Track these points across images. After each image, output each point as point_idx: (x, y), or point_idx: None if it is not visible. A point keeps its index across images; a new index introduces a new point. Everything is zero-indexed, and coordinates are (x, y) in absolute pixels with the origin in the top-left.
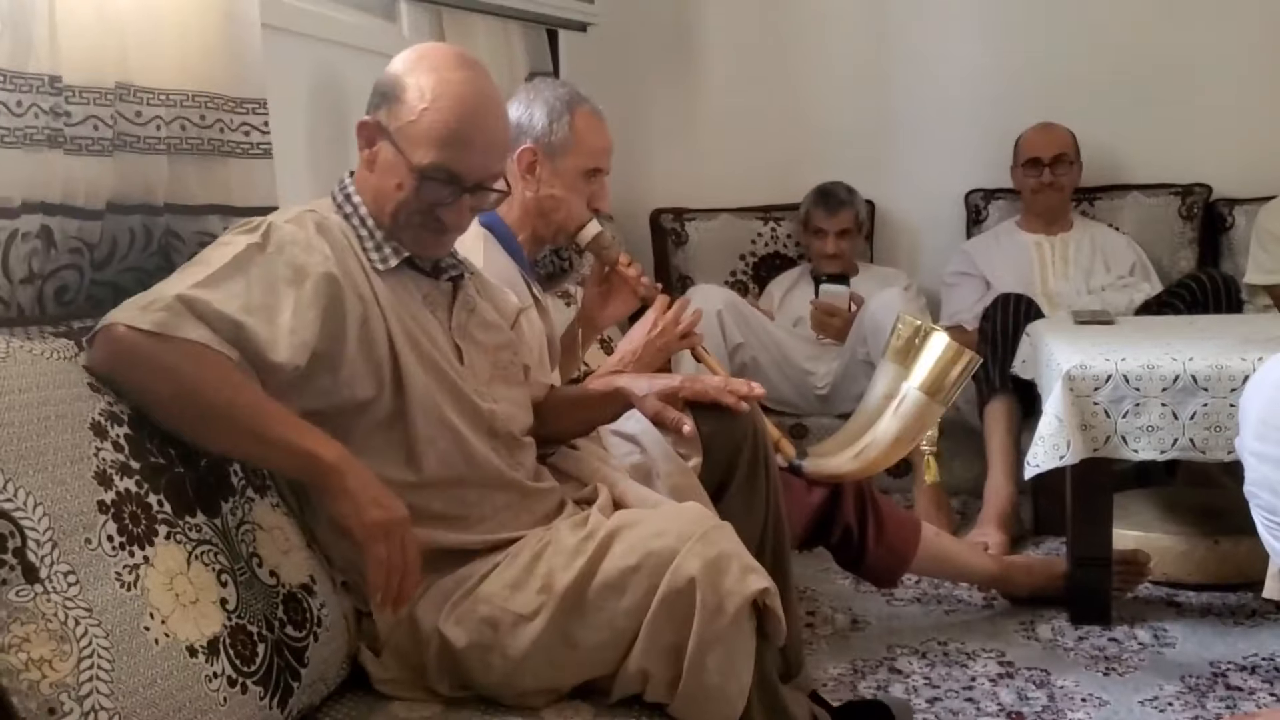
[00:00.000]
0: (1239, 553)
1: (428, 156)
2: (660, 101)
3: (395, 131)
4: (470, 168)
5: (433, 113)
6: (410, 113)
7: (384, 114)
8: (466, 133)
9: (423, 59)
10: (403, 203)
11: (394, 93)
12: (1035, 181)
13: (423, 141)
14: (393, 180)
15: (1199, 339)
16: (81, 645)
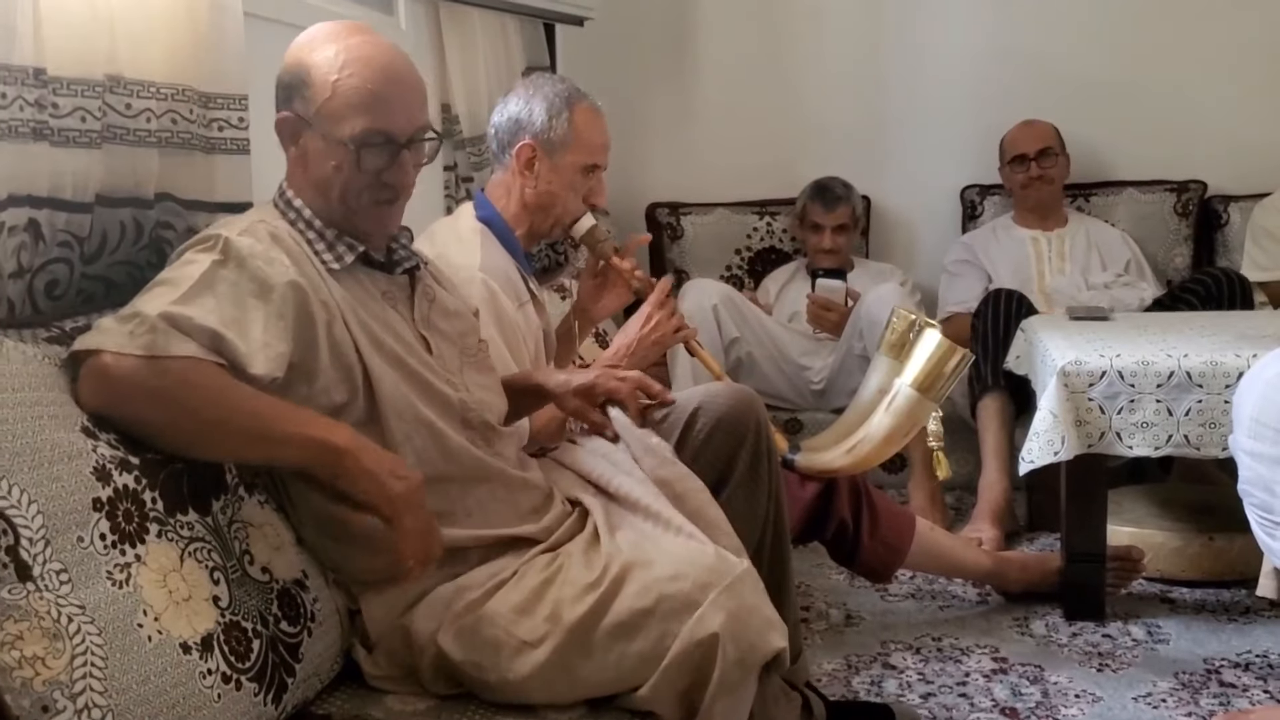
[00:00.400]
0: (1233, 549)
1: (356, 125)
2: (657, 96)
3: (315, 115)
4: (399, 123)
5: (346, 81)
6: (324, 90)
7: (298, 105)
8: (385, 91)
9: (313, 40)
10: (347, 183)
11: (300, 79)
12: (1023, 177)
13: (346, 113)
14: (329, 164)
15: (1194, 335)
16: (75, 643)
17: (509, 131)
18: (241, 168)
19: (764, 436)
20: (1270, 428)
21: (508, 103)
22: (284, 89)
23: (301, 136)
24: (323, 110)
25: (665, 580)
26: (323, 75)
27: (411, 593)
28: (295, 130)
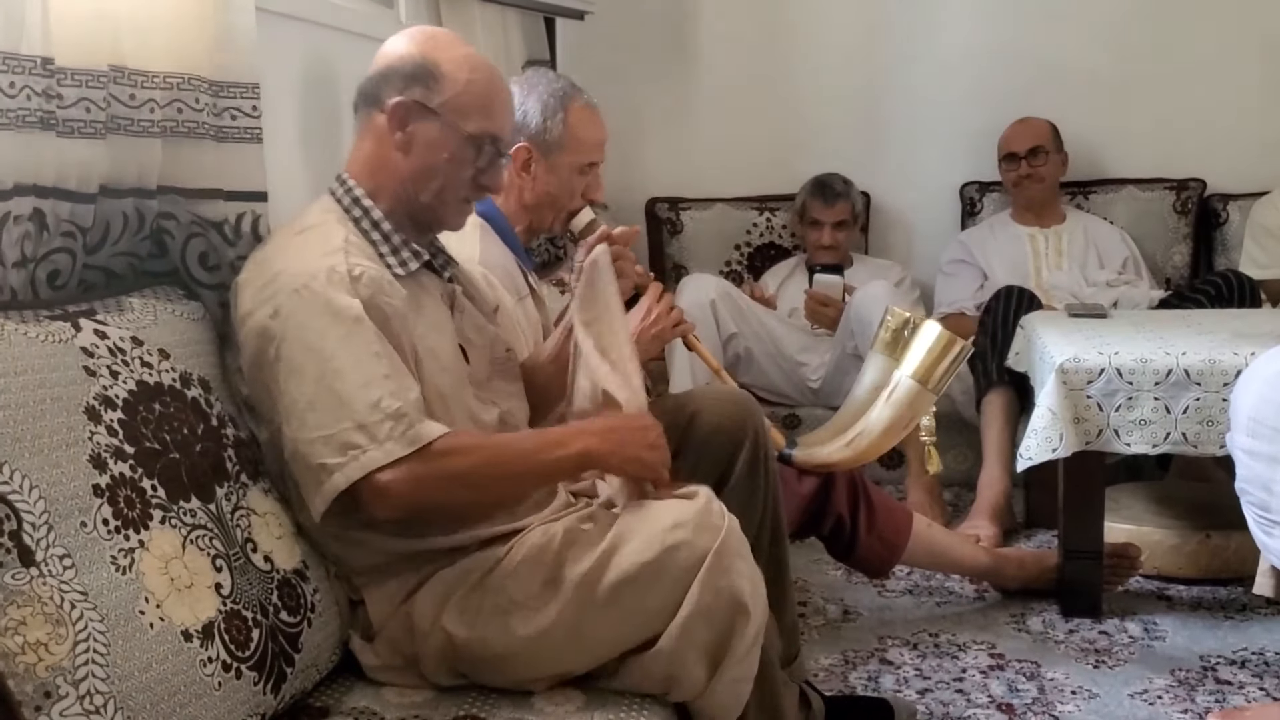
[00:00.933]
0: (1230, 547)
1: (479, 124)
2: (657, 90)
3: (442, 106)
4: (506, 130)
5: (475, 84)
6: (455, 84)
7: (420, 92)
8: (501, 99)
9: (437, 39)
10: (452, 176)
11: (428, 71)
12: (1014, 175)
13: (473, 111)
14: (440, 155)
15: (1192, 334)
16: (77, 629)
17: None
18: (255, 156)
19: (761, 441)
20: (1268, 426)
21: None
22: (403, 78)
23: (413, 123)
24: (451, 103)
25: (666, 530)
26: (455, 70)
27: (412, 581)
28: (410, 116)
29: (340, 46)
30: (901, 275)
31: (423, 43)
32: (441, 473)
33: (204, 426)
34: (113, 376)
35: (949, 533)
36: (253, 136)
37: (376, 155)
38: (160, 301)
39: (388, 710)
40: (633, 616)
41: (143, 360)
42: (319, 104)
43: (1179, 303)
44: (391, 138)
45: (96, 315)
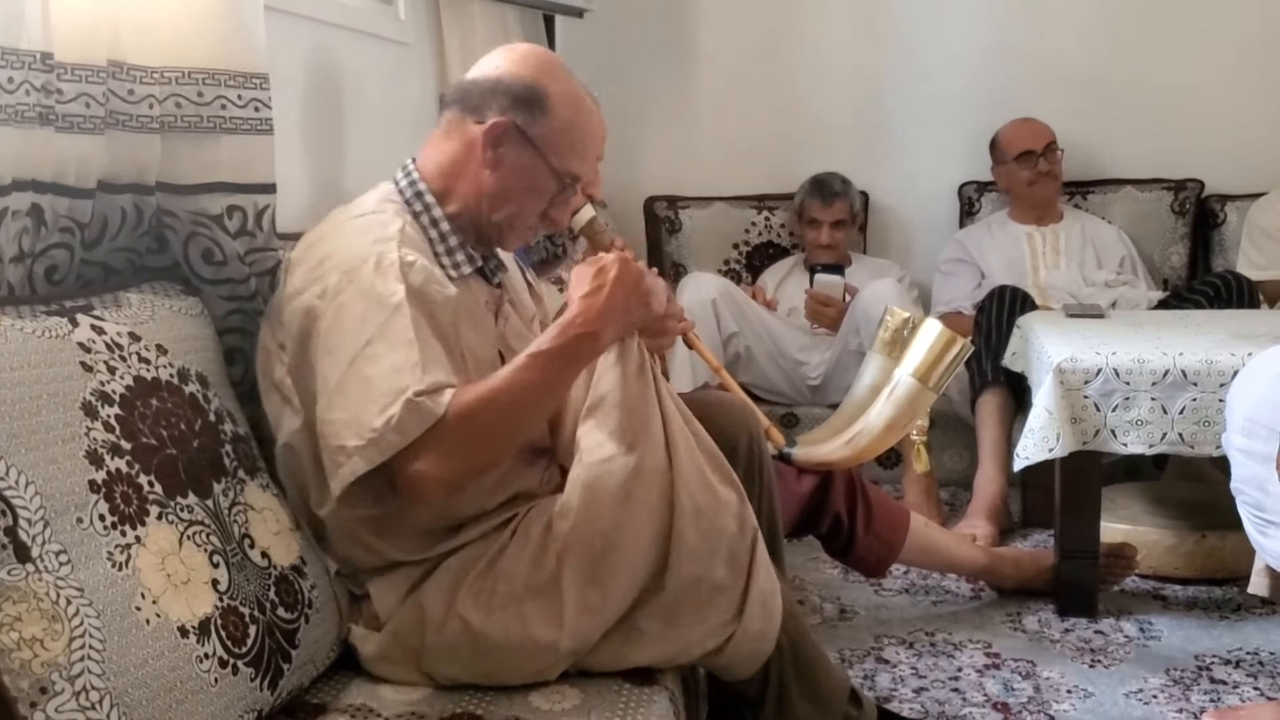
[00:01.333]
0: (1225, 547)
1: (571, 165)
2: (656, 89)
3: (539, 137)
4: (590, 170)
5: (576, 124)
6: (560, 120)
7: (523, 118)
8: (594, 142)
9: (552, 68)
10: (526, 203)
11: (536, 97)
12: (1031, 173)
13: (569, 150)
14: (523, 182)
15: (1189, 334)
16: (73, 625)
17: None
18: (264, 148)
19: (757, 448)
20: (1263, 426)
21: None
22: (510, 98)
23: (506, 145)
24: (549, 136)
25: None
26: (560, 106)
27: (417, 572)
28: (505, 137)
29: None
30: (900, 274)
31: (537, 67)
32: (460, 441)
33: (201, 422)
34: (110, 372)
35: (946, 532)
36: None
37: (458, 162)
38: (158, 297)
39: (385, 707)
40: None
41: (140, 356)
42: (318, 98)
43: (1177, 303)
44: (481, 152)
45: (94, 311)
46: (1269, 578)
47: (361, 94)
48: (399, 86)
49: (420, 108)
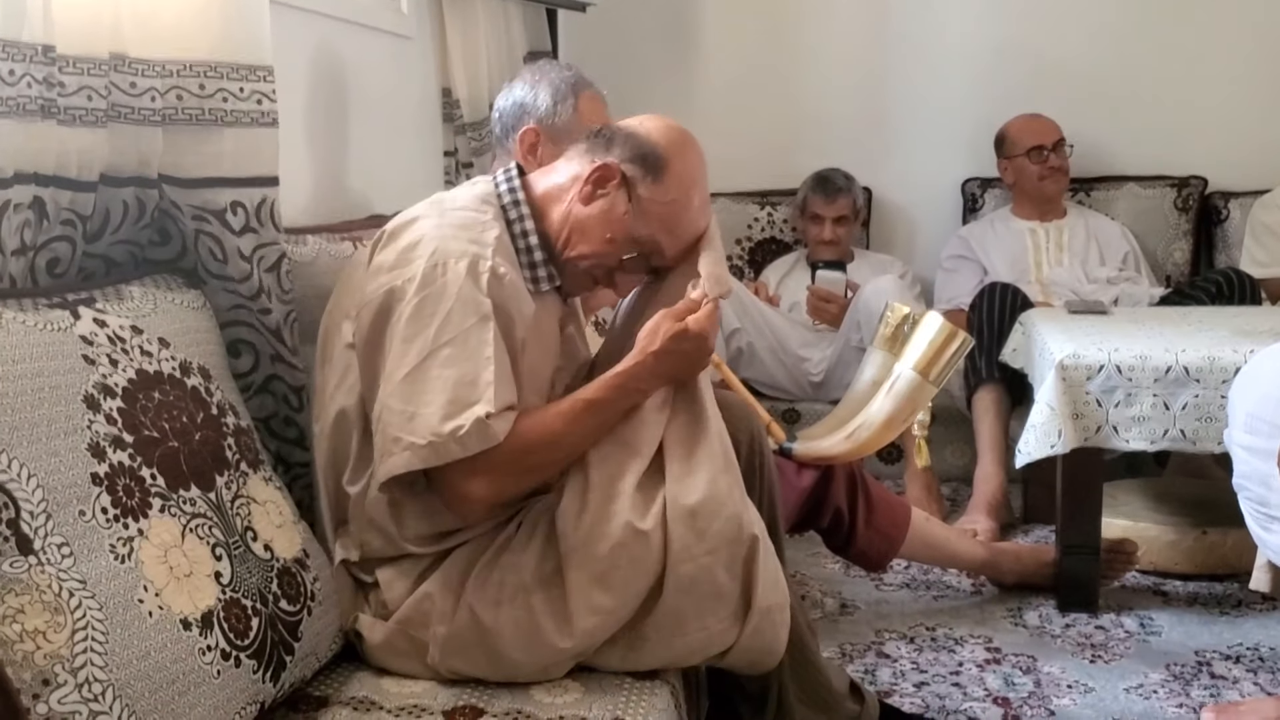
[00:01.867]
0: (1226, 543)
1: (654, 234)
2: (658, 84)
3: (641, 198)
4: (671, 255)
5: (679, 205)
6: (664, 193)
7: (637, 173)
8: (686, 229)
9: (685, 144)
10: (599, 252)
11: (655, 164)
12: (1042, 168)
13: (658, 223)
14: (605, 232)
15: (1191, 331)
16: (75, 617)
17: (513, 116)
18: (269, 140)
19: (758, 447)
20: (1266, 422)
21: (513, 88)
22: (635, 151)
23: (610, 189)
24: (649, 202)
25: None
26: (674, 181)
27: (426, 560)
28: (611, 182)
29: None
30: (903, 270)
31: (673, 140)
32: (513, 470)
33: (203, 415)
34: (112, 365)
35: (946, 527)
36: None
37: (564, 187)
38: (160, 290)
39: (386, 700)
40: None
41: (142, 349)
42: (320, 92)
43: (1179, 300)
44: (584, 185)
45: (96, 304)
46: (1270, 573)
47: (363, 88)
48: (401, 80)
49: (422, 102)
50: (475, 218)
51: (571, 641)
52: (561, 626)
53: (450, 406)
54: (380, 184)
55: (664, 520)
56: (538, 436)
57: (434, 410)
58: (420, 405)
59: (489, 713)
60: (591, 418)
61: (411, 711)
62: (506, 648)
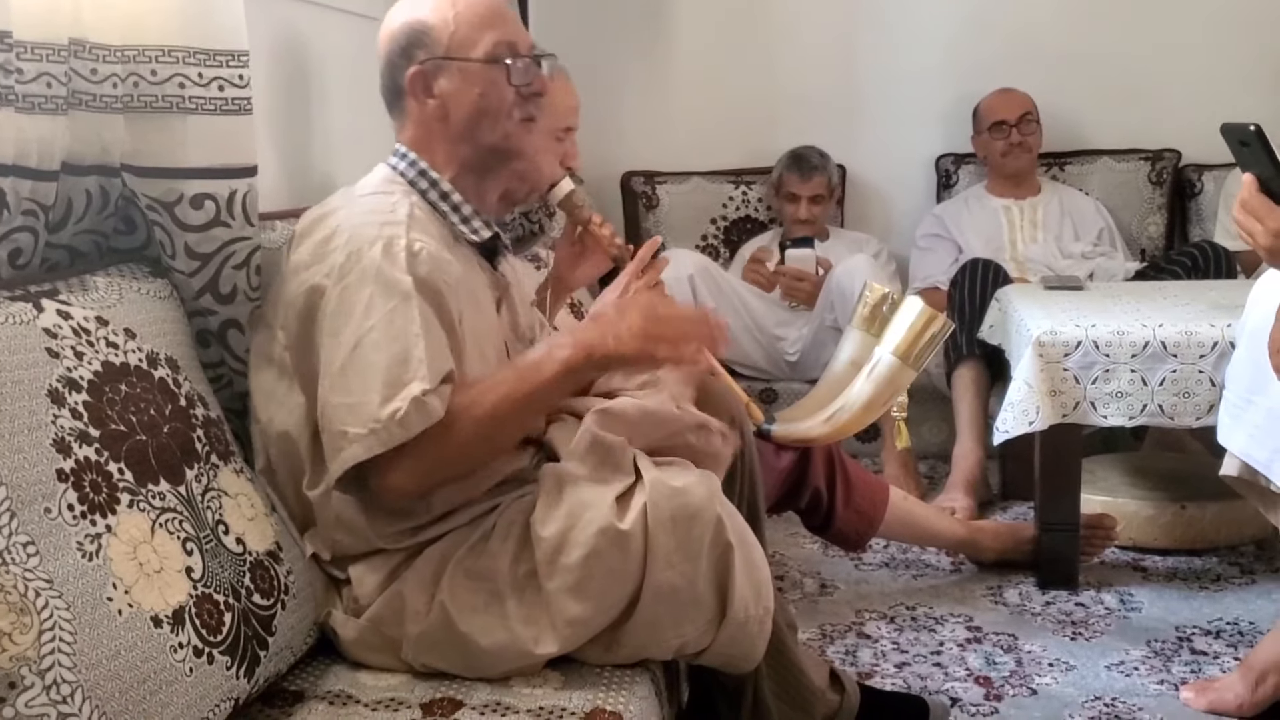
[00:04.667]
0: (1205, 518)
1: (489, 40)
2: (632, 63)
3: (447, 50)
4: (519, 34)
5: (462, 13)
6: (447, 26)
7: (423, 54)
8: (496, 9)
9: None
10: (493, 105)
11: (418, 31)
12: (1004, 144)
13: (476, 34)
14: (474, 92)
15: (1168, 305)
16: (42, 617)
17: None
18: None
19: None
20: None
21: None
22: (401, 52)
23: (436, 83)
24: (452, 42)
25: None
26: (441, 15)
27: (398, 558)
28: (429, 79)
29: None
30: (878, 248)
31: (402, 12)
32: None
33: (172, 406)
34: (77, 358)
35: (925, 505)
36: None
37: (422, 133)
38: (126, 279)
39: (363, 693)
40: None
41: (108, 340)
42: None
43: (1155, 274)
44: (426, 110)
45: (59, 295)
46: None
47: (330, 70)
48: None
49: None
50: (383, 200)
51: (548, 649)
52: (537, 635)
53: (387, 389)
54: (348, 167)
55: (644, 525)
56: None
57: (373, 397)
58: (359, 395)
59: (467, 705)
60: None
61: (389, 705)
62: (481, 651)
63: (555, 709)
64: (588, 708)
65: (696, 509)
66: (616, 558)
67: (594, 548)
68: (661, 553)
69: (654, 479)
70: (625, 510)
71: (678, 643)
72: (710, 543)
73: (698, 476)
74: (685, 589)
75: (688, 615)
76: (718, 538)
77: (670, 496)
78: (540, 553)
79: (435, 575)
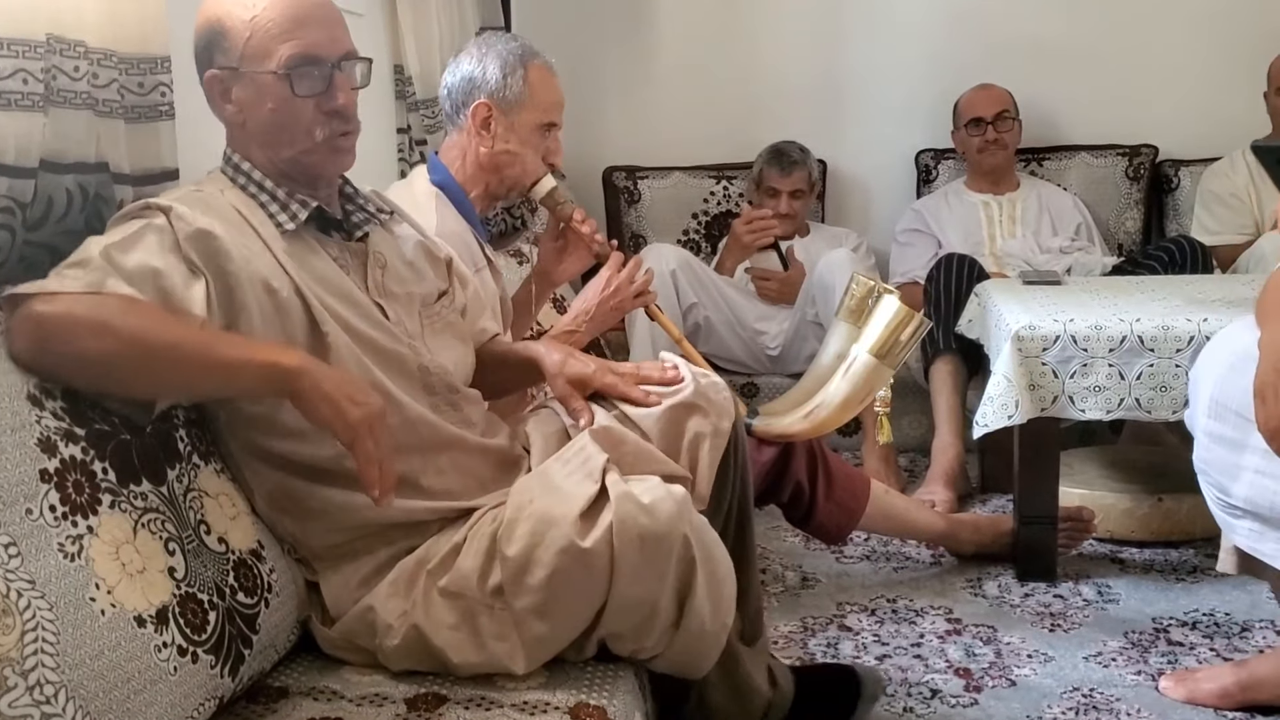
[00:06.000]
0: (1181, 510)
1: (283, 54)
2: (613, 58)
3: (240, 60)
4: (323, 43)
5: (262, 15)
6: (242, 33)
7: (220, 59)
8: (302, 14)
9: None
10: (290, 121)
11: (216, 33)
12: (980, 140)
13: (270, 45)
14: (266, 106)
15: (1145, 300)
16: (25, 618)
17: (463, 91)
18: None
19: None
20: (1231, 411)
21: (460, 63)
22: (203, 51)
23: (233, 90)
24: (246, 52)
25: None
26: (238, 19)
27: (367, 567)
28: (225, 86)
29: None
30: (858, 243)
31: (208, 4)
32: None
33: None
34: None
35: (905, 499)
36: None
37: (230, 133)
38: None
39: (347, 689)
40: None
41: None
42: None
43: (1132, 269)
44: (226, 114)
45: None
46: (1236, 555)
47: None
48: None
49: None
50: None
51: (519, 667)
52: (510, 651)
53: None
54: None
55: (610, 543)
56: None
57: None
58: None
59: (452, 700)
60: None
61: (374, 700)
62: (455, 666)
63: (540, 704)
64: (571, 703)
65: (665, 529)
66: (580, 576)
67: (557, 567)
68: (628, 569)
69: (621, 494)
70: (590, 527)
71: (634, 648)
72: (676, 559)
73: (665, 492)
74: (648, 603)
75: (648, 627)
76: (684, 554)
77: (638, 514)
78: (505, 572)
79: (408, 587)
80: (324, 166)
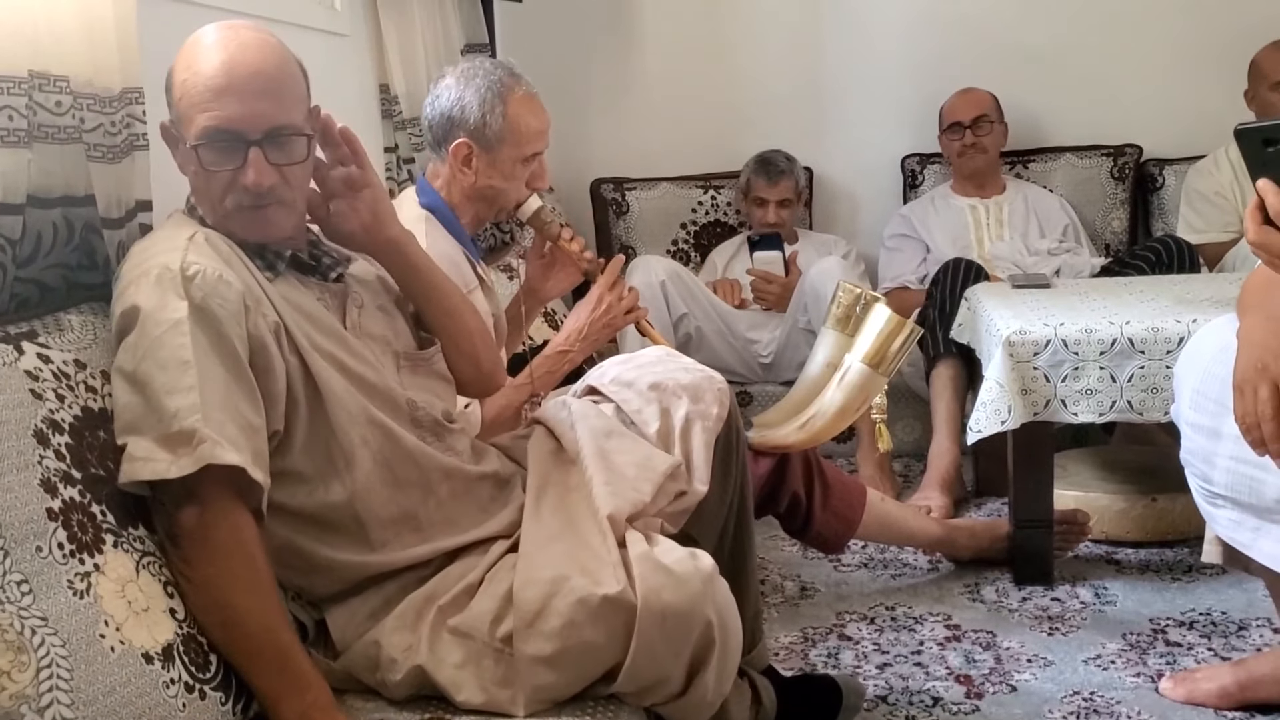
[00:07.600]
0: (1175, 509)
1: (199, 124)
2: (598, 71)
3: (173, 122)
4: (241, 118)
5: (191, 79)
6: (176, 92)
7: (169, 112)
8: (225, 83)
9: (187, 42)
10: (205, 189)
11: (167, 84)
12: (959, 144)
13: (191, 112)
14: (189, 169)
15: (1134, 302)
16: (40, 655)
17: (442, 128)
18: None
19: (734, 428)
20: (1211, 400)
21: (439, 95)
22: (165, 93)
23: (175, 145)
24: (177, 113)
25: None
26: (177, 78)
27: (376, 600)
28: (169, 139)
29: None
30: (846, 250)
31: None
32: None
33: None
34: (59, 400)
35: (901, 505)
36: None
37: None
38: (99, 319)
39: (354, 715)
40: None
41: (86, 385)
42: None
43: (1120, 269)
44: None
45: (38, 338)
46: (1220, 545)
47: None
48: (337, 79)
49: (360, 99)
50: (171, 225)
51: (519, 712)
52: (512, 696)
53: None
54: None
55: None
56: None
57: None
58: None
59: None
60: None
61: None
62: (459, 700)
63: None
64: None
65: (690, 610)
66: (594, 632)
67: (571, 618)
68: (647, 646)
69: (641, 554)
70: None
71: (634, 702)
72: (695, 641)
73: (688, 558)
74: (659, 677)
75: (651, 693)
76: (704, 637)
77: (664, 589)
78: (518, 616)
79: (415, 620)
80: (245, 234)
